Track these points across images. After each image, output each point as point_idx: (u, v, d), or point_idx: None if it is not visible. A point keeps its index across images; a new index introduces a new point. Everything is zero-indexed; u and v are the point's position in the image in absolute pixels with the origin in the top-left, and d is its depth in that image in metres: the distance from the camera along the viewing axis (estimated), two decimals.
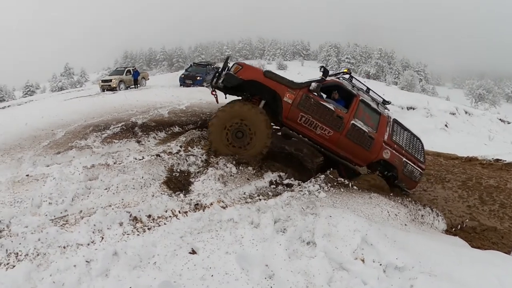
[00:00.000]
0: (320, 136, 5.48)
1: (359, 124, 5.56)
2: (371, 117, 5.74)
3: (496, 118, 25.68)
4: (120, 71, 19.82)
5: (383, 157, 5.79)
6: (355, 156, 5.74)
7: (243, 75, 5.18)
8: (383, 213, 4.43)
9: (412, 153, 6.15)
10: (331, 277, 2.68)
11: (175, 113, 8.59)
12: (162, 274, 2.39)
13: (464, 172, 8.26)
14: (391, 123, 5.98)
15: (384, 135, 5.78)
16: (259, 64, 50.72)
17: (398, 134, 6.04)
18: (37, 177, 4.01)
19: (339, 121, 5.44)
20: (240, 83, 5.19)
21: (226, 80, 5.26)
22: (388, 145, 5.81)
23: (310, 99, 5.32)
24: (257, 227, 3.17)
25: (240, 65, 5.34)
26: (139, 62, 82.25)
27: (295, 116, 5.33)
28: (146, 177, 4.14)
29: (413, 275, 2.86)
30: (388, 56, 75.43)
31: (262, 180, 4.80)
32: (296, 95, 5.28)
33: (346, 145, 5.58)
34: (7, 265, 2.49)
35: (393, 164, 5.90)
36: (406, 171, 6.02)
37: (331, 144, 5.56)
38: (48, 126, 6.27)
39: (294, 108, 5.29)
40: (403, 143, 6.07)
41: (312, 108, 5.33)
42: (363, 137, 5.58)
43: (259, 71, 5.36)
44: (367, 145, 5.63)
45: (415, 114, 20.18)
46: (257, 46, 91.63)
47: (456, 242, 4.40)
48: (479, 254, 3.86)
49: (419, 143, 6.39)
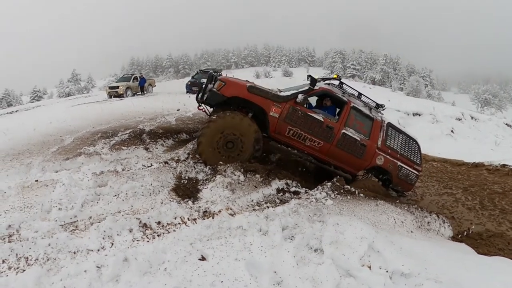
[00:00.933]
0: (310, 148, 5.43)
1: (350, 132, 5.50)
2: (364, 124, 5.66)
3: (503, 123, 25.38)
4: (127, 78, 20.10)
5: (377, 164, 5.75)
6: (348, 165, 5.70)
7: (226, 92, 5.09)
8: (390, 220, 4.45)
9: (407, 156, 6.10)
10: (338, 283, 2.70)
11: (182, 120, 8.66)
12: (172, 280, 2.42)
13: (468, 179, 8.24)
14: (384, 127, 5.89)
15: (378, 141, 5.73)
16: (265, 71, 51.02)
17: (393, 138, 5.97)
18: (47, 183, 4.06)
19: (328, 131, 5.38)
20: (224, 100, 5.12)
21: (210, 98, 5.21)
22: (382, 151, 5.77)
23: (297, 111, 5.25)
24: (265, 234, 3.20)
25: (223, 81, 5.23)
26: (145, 69, 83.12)
27: (282, 129, 5.27)
28: (155, 184, 4.20)
29: (419, 282, 2.87)
30: (394, 62, 75.33)
31: (270, 188, 4.82)
32: (283, 108, 5.20)
33: (338, 155, 5.53)
34: (17, 269, 2.52)
35: (387, 170, 5.86)
36: (401, 175, 6.01)
37: (321, 154, 5.52)
38: (57, 132, 6.36)
39: (281, 122, 5.23)
40: (397, 147, 6.01)
41: (300, 121, 5.26)
42: (355, 145, 5.53)
43: (242, 87, 5.21)
44: (359, 153, 5.59)
45: (421, 120, 20.06)
46: (263, 53, 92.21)
47: (462, 248, 4.40)
48: (485, 261, 3.86)
49: (415, 145, 6.32)
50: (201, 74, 21.49)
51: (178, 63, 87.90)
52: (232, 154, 5.11)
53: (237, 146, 5.10)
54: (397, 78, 70.26)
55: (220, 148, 5.07)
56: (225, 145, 5.08)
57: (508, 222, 6.00)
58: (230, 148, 5.10)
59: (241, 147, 5.11)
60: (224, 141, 5.05)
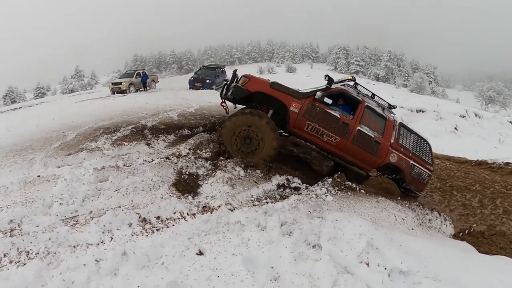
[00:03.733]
0: (327, 143, 5.61)
1: (365, 129, 5.66)
2: (377, 122, 5.83)
3: (507, 121, 25.14)
4: (130, 74, 20.16)
5: (390, 161, 5.86)
6: (362, 161, 5.83)
7: (250, 87, 5.41)
8: (390, 217, 4.45)
9: (419, 156, 6.17)
10: (335, 280, 2.70)
11: (185, 116, 8.69)
12: (169, 274, 2.44)
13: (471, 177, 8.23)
14: (397, 127, 6.04)
15: (390, 139, 5.86)
16: (268, 67, 50.84)
17: (405, 138, 6.08)
18: (48, 178, 4.12)
19: (345, 127, 5.57)
20: (248, 95, 5.41)
21: (235, 92, 5.48)
22: (395, 149, 5.88)
23: (316, 107, 5.49)
24: (263, 230, 3.21)
25: (248, 77, 5.54)
26: (148, 65, 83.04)
27: (302, 124, 5.51)
28: (155, 179, 4.22)
29: (418, 280, 2.86)
30: (398, 59, 74.56)
31: (270, 183, 4.84)
32: (302, 104, 5.46)
33: (353, 151, 5.69)
34: (18, 263, 2.56)
35: (400, 168, 5.94)
36: (414, 173, 6.06)
37: (338, 150, 5.68)
38: (59, 128, 6.41)
39: (301, 117, 5.48)
40: (409, 146, 6.11)
41: (318, 116, 5.50)
42: (369, 142, 5.67)
43: (265, 83, 5.55)
44: (373, 150, 5.72)
45: (424, 117, 19.95)
46: (266, 48, 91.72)
47: (463, 247, 4.39)
48: (486, 260, 3.83)
49: (427, 145, 6.40)
50: (204, 70, 21.53)
51: (181, 59, 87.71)
52: (248, 150, 5.38)
53: (254, 140, 5.35)
54: (401, 74, 69.60)
55: (238, 142, 5.36)
56: (244, 141, 5.36)
57: (510, 221, 6.01)
58: (249, 144, 5.36)
59: (258, 144, 5.36)
60: (242, 136, 5.34)
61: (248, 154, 5.34)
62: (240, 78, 5.69)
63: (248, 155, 5.33)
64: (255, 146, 5.35)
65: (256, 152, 5.35)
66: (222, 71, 22.48)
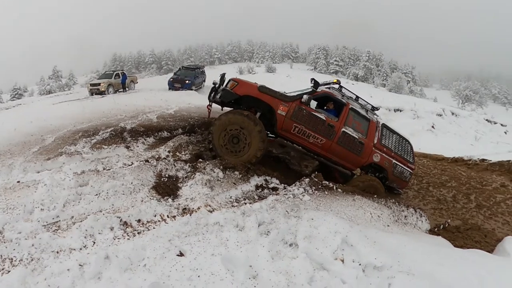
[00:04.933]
0: (313, 144, 5.81)
1: (350, 131, 5.88)
2: (361, 124, 6.07)
3: (483, 119, 26.11)
4: (109, 75, 19.74)
5: (373, 161, 6.13)
6: (347, 161, 6.06)
7: (239, 90, 5.55)
8: (366, 214, 4.60)
9: (401, 155, 6.47)
10: (311, 276, 2.85)
11: (164, 117, 8.63)
12: (151, 276, 2.53)
13: (444, 173, 8.54)
14: (380, 128, 6.30)
15: (374, 140, 6.12)
16: (248, 67, 50.88)
17: (387, 138, 6.36)
18: (28, 184, 4.08)
19: (330, 129, 5.77)
20: (237, 98, 5.57)
21: (224, 96, 5.63)
22: (378, 149, 6.15)
23: (302, 110, 5.67)
24: (241, 230, 3.33)
25: (236, 81, 5.68)
26: (128, 65, 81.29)
27: (289, 127, 5.67)
28: (135, 183, 4.25)
29: (391, 274, 3.02)
30: (376, 59, 75.97)
31: (249, 184, 4.95)
32: (289, 107, 5.62)
33: (338, 151, 5.91)
34: (2, 271, 2.58)
35: (383, 167, 6.23)
36: (396, 172, 6.36)
37: (323, 151, 5.89)
38: (37, 131, 6.28)
39: (288, 119, 5.64)
40: (392, 146, 6.39)
41: (305, 119, 5.67)
42: (354, 143, 5.91)
43: (253, 86, 5.67)
44: (357, 150, 5.96)
45: (402, 116, 20.47)
46: (246, 48, 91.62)
47: (438, 242, 4.57)
48: (461, 254, 4.02)
49: (408, 145, 6.72)
50: (184, 70, 21.39)
51: (161, 59, 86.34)
52: (233, 149, 5.50)
53: (242, 143, 5.48)
54: (379, 74, 70.99)
55: (226, 139, 5.49)
56: (231, 141, 5.48)
57: (483, 216, 6.33)
58: (235, 144, 5.48)
59: (243, 148, 5.48)
60: (230, 136, 5.46)
61: (230, 153, 5.47)
62: (228, 82, 5.80)
63: (230, 153, 5.46)
64: (240, 148, 5.47)
65: (239, 154, 5.47)
66: (202, 72, 22.39)
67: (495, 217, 6.31)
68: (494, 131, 23.32)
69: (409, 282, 2.99)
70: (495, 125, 25.81)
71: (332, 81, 6.60)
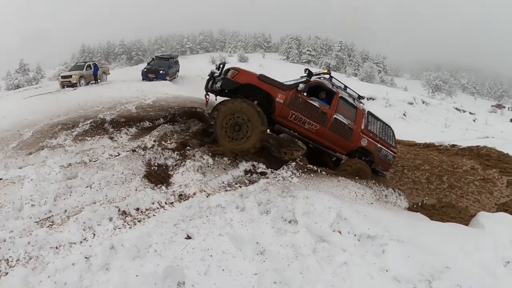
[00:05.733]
0: (308, 130, 6.08)
1: (340, 117, 6.22)
2: (350, 111, 6.44)
3: (452, 107, 27.61)
4: (80, 66, 18.88)
5: (361, 145, 6.51)
6: (338, 145, 6.40)
7: (239, 79, 5.66)
8: (351, 194, 4.86)
9: (385, 140, 6.91)
10: (315, 247, 3.03)
11: (143, 108, 8.43)
12: (164, 260, 2.55)
13: (417, 158, 9.02)
14: (365, 115, 6.72)
15: (361, 126, 6.51)
16: (221, 57, 50.36)
17: (372, 124, 6.79)
18: (13, 180, 3.87)
19: (323, 116, 6.07)
20: (237, 86, 5.65)
21: (225, 84, 5.68)
22: (365, 134, 6.55)
23: (298, 98, 5.91)
24: (243, 211, 3.43)
25: (237, 70, 5.79)
26: (97, 56, 78.09)
27: (286, 114, 5.90)
28: (126, 172, 4.19)
29: (384, 242, 3.29)
30: (348, 49, 77.44)
31: (238, 170, 5.05)
32: (287, 95, 5.85)
33: (330, 137, 6.23)
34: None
35: (370, 150, 6.62)
36: (381, 155, 6.79)
37: (317, 136, 6.17)
38: (13, 126, 5.96)
39: (285, 107, 5.86)
40: (377, 131, 6.82)
41: (301, 106, 5.92)
42: (344, 129, 6.26)
43: (254, 75, 5.82)
44: (347, 136, 6.33)
45: (374, 104, 21.17)
46: (218, 38, 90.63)
47: (418, 217, 4.96)
48: (440, 226, 4.41)
49: (390, 131, 7.18)
50: (157, 60, 20.88)
51: (131, 50, 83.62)
52: (231, 135, 5.59)
53: (242, 133, 5.61)
54: (351, 64, 72.54)
55: (229, 125, 5.57)
56: (233, 127, 5.58)
57: (455, 195, 6.85)
58: (236, 131, 5.60)
59: (241, 138, 5.61)
60: (233, 123, 5.56)
61: (226, 137, 5.56)
62: (228, 71, 5.88)
63: (225, 137, 5.55)
64: (237, 137, 5.59)
65: (233, 142, 5.57)
66: (176, 61, 21.97)
67: (467, 196, 6.85)
68: (463, 119, 24.71)
69: (400, 248, 3.26)
70: (464, 113, 27.36)
71: (323, 71, 6.90)
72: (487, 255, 3.42)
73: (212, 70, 6.30)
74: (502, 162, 7.85)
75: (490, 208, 6.31)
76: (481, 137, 12.57)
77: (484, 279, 3.11)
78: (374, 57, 77.81)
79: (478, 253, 3.43)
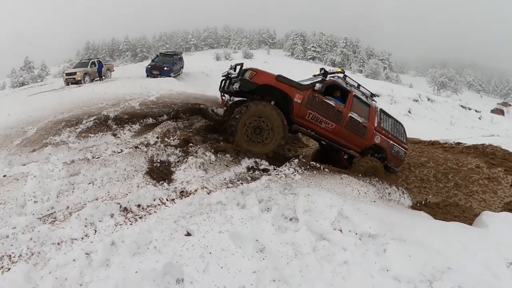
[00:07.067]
0: (325, 129, 6.14)
1: (355, 116, 6.31)
2: (363, 109, 6.53)
3: (458, 105, 27.37)
4: (85, 63, 18.97)
5: (375, 142, 6.60)
6: (353, 143, 6.48)
7: (258, 80, 5.60)
8: (354, 191, 4.84)
9: (396, 136, 7.03)
10: (315, 246, 3.02)
11: (146, 104, 8.47)
12: (163, 257, 2.55)
13: (422, 155, 8.96)
14: (378, 112, 6.82)
15: (374, 123, 6.61)
16: (225, 53, 50.24)
17: (385, 121, 6.90)
18: (16, 177, 3.89)
19: (339, 115, 6.14)
20: (256, 87, 5.60)
21: (243, 85, 5.60)
22: (378, 132, 6.65)
23: (315, 98, 5.96)
24: (243, 208, 3.43)
25: (255, 71, 5.72)
26: (101, 53, 78.57)
27: (304, 114, 5.94)
28: (128, 169, 4.19)
29: (385, 241, 3.28)
30: (353, 45, 76.98)
31: (240, 166, 5.03)
32: (304, 95, 5.88)
33: (346, 135, 6.31)
34: (1, 269, 2.48)
35: (383, 147, 6.72)
36: (393, 152, 6.90)
37: (333, 135, 6.25)
38: (17, 123, 6.02)
39: (303, 107, 5.90)
40: (389, 128, 6.92)
41: (317, 106, 5.98)
42: (359, 127, 6.35)
43: (272, 76, 5.77)
44: (362, 133, 6.42)
45: (379, 101, 20.89)
46: (223, 34, 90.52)
47: (421, 215, 4.92)
48: (443, 224, 4.37)
49: (402, 127, 7.33)
50: (162, 57, 20.93)
51: (135, 46, 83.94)
52: (252, 139, 5.59)
53: (260, 138, 5.61)
54: (356, 60, 72.09)
55: (250, 127, 5.55)
56: (254, 130, 5.58)
57: (461, 194, 6.80)
58: (256, 134, 5.60)
59: (261, 141, 5.62)
60: (256, 125, 5.55)
61: (245, 137, 5.54)
62: (246, 71, 5.82)
63: (244, 136, 5.53)
64: (255, 140, 5.59)
65: (249, 143, 5.56)
66: (180, 58, 21.98)
67: (473, 195, 6.78)
68: (469, 117, 24.48)
69: (402, 247, 3.25)
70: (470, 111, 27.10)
71: (337, 70, 6.94)
72: (490, 255, 3.38)
73: (228, 71, 6.28)
74: (507, 161, 7.78)
75: (496, 208, 6.24)
76: (486, 135, 12.43)
77: (486, 279, 3.07)
78: (380, 53, 77.34)
79: (481, 253, 3.39)
